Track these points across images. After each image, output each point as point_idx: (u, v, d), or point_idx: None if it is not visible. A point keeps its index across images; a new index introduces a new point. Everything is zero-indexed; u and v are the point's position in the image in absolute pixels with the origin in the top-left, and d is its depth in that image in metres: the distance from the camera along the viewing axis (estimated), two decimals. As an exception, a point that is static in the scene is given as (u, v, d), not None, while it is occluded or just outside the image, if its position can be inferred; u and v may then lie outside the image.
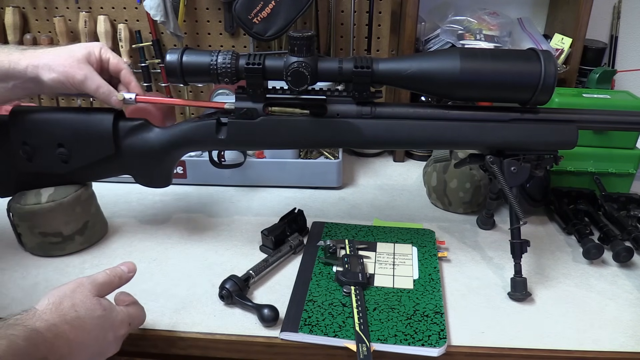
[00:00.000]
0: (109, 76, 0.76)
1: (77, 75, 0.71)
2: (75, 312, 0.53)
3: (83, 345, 0.53)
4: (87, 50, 0.73)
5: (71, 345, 0.52)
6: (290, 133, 0.75)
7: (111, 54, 0.75)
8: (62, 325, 0.51)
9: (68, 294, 0.54)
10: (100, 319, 0.55)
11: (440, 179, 0.94)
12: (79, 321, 0.53)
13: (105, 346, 0.56)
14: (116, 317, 0.57)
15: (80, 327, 0.53)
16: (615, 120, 0.76)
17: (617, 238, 0.82)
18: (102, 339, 0.55)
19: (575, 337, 0.66)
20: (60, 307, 0.53)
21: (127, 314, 0.59)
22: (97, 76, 0.72)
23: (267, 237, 0.81)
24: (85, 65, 0.72)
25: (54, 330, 0.50)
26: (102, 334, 0.55)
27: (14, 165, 0.78)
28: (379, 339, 0.64)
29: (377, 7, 1.17)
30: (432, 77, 0.70)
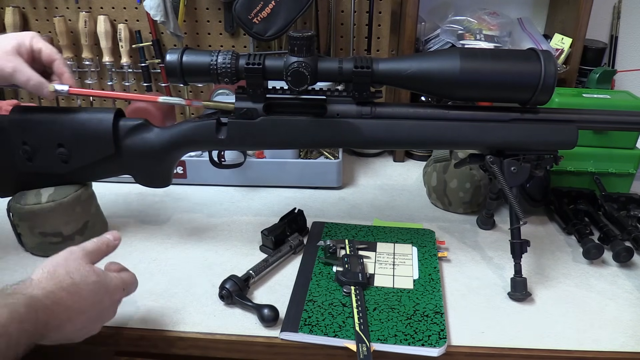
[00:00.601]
0: (42, 67, 0.73)
1: (6, 67, 0.69)
2: (70, 278, 0.54)
3: (81, 311, 0.54)
4: (17, 41, 0.71)
5: (69, 311, 0.53)
6: (290, 133, 0.75)
7: (43, 44, 0.72)
8: (60, 292, 0.52)
9: (61, 263, 0.56)
10: (96, 284, 0.56)
11: (440, 179, 0.94)
12: (75, 287, 0.54)
13: (102, 311, 0.58)
14: (110, 282, 0.58)
15: (76, 293, 0.54)
16: (615, 120, 0.76)
17: (617, 238, 0.82)
18: (99, 304, 0.56)
19: (575, 337, 0.66)
20: (55, 274, 0.54)
21: (121, 280, 0.60)
22: (27, 68, 0.70)
23: (267, 237, 0.81)
24: (14, 57, 0.70)
25: (51, 297, 0.51)
26: (98, 299, 0.56)
27: (14, 165, 0.78)
28: (379, 339, 0.64)
29: (377, 7, 1.17)
30: (432, 77, 0.70)
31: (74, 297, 0.53)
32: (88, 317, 0.55)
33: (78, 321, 0.54)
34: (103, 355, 0.71)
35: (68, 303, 0.53)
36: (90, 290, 0.55)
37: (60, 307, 0.52)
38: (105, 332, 0.66)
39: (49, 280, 0.53)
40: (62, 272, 0.54)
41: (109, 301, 0.58)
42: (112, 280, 0.59)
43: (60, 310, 0.52)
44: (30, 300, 0.49)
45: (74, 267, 0.56)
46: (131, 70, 1.22)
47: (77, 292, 0.54)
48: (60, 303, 0.52)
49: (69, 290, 0.53)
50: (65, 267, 0.55)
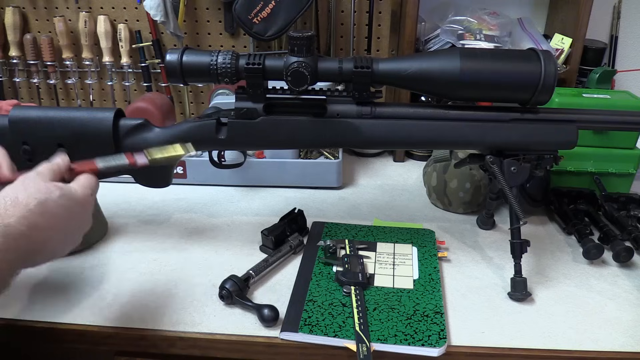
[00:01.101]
0: None
1: None
2: (35, 199, 0.52)
3: (57, 228, 0.53)
4: None
5: (46, 231, 0.52)
6: (290, 133, 0.75)
7: None
8: (30, 215, 0.51)
9: (19, 188, 0.53)
10: (62, 198, 0.54)
11: (440, 179, 0.94)
12: (42, 207, 0.52)
13: (77, 222, 0.56)
14: (75, 192, 0.56)
15: (46, 212, 0.52)
16: (615, 120, 0.76)
17: (617, 238, 0.82)
18: (73, 216, 0.55)
19: (575, 337, 0.66)
20: (18, 200, 0.51)
21: (83, 185, 0.58)
22: None
23: (267, 237, 0.81)
24: None
25: (24, 222, 0.50)
26: (70, 212, 0.55)
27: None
28: (379, 339, 0.64)
29: (377, 7, 1.17)
30: (432, 77, 0.70)
31: (45, 217, 0.52)
32: (66, 232, 0.55)
33: (57, 238, 0.53)
34: (103, 355, 0.71)
35: (42, 224, 0.51)
36: (59, 205, 0.53)
37: (36, 231, 0.51)
38: (105, 332, 0.66)
39: (15, 207, 0.51)
40: (24, 196, 0.52)
41: (81, 210, 0.56)
42: (76, 190, 0.57)
43: (37, 233, 0.51)
44: (6, 229, 0.48)
45: (34, 187, 0.53)
46: (131, 70, 1.23)
47: (46, 211, 0.52)
48: (36, 226, 0.51)
49: (38, 211, 0.51)
50: (25, 191, 0.53)
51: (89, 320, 0.67)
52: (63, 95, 1.30)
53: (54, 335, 0.67)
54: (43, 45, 1.20)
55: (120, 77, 1.26)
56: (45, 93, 1.30)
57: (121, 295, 0.72)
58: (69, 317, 0.68)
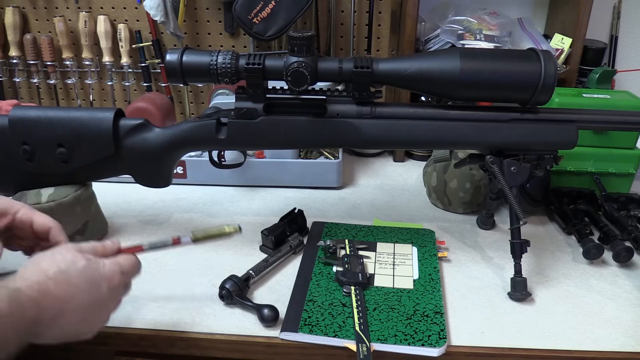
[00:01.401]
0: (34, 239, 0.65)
1: None
2: (57, 266, 0.50)
3: (75, 301, 0.49)
4: None
5: (61, 302, 0.48)
6: (290, 133, 0.75)
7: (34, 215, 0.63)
8: (45, 281, 0.48)
9: (48, 254, 0.52)
10: (86, 269, 0.51)
11: (440, 179, 0.94)
12: (62, 275, 0.49)
13: (100, 300, 0.52)
14: (104, 266, 0.53)
15: (65, 281, 0.49)
16: (615, 120, 0.76)
17: (617, 238, 0.82)
18: (95, 291, 0.51)
19: (575, 337, 0.66)
20: (40, 265, 0.49)
21: (116, 262, 0.55)
22: None
23: (267, 237, 0.81)
24: None
25: (36, 287, 0.47)
26: (93, 286, 0.51)
27: (14, 165, 0.78)
28: (379, 339, 0.64)
29: (377, 7, 1.17)
30: (432, 77, 0.70)
31: (63, 286, 0.49)
32: (84, 308, 0.50)
33: (73, 314, 0.49)
34: (103, 355, 0.71)
35: (57, 293, 0.48)
36: (81, 275, 0.50)
37: (48, 298, 0.47)
38: (105, 332, 0.66)
39: (33, 271, 0.49)
40: (47, 262, 0.50)
41: (107, 287, 0.53)
42: (105, 265, 0.54)
43: (49, 301, 0.47)
44: (13, 292, 0.45)
45: (61, 255, 0.51)
46: (131, 70, 1.23)
47: (65, 280, 0.49)
48: (48, 294, 0.47)
49: (57, 280, 0.49)
50: (51, 257, 0.51)
51: (89, 320, 0.67)
52: (63, 95, 1.30)
53: (54, 335, 0.67)
54: (43, 45, 1.20)
55: (120, 77, 1.26)
56: (45, 93, 1.30)
57: (121, 295, 0.72)
58: None
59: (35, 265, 0.50)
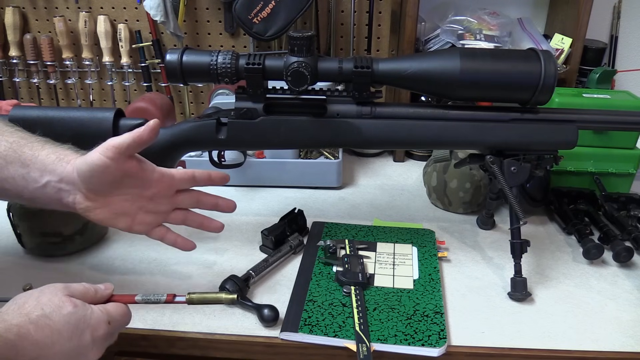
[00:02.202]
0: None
1: None
2: (41, 309, 0.48)
3: (55, 347, 0.48)
4: None
5: (39, 347, 0.47)
6: (290, 133, 0.75)
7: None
8: (26, 325, 0.47)
9: (35, 295, 0.50)
10: (71, 315, 0.50)
11: (440, 179, 0.94)
12: (45, 319, 0.48)
13: (82, 349, 0.50)
14: (91, 314, 0.52)
15: (47, 326, 0.48)
16: (615, 120, 0.76)
17: (617, 238, 0.82)
18: (77, 340, 0.50)
19: (575, 337, 0.66)
20: (24, 307, 0.48)
21: (105, 311, 0.53)
22: None
23: (267, 237, 0.81)
24: None
25: (15, 330, 0.46)
26: (76, 334, 0.50)
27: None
28: (379, 339, 0.64)
29: (377, 7, 1.17)
30: (432, 77, 0.70)
31: (44, 331, 0.47)
32: (63, 355, 0.49)
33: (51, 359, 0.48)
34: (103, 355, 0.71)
35: (36, 337, 0.47)
36: (64, 322, 0.49)
37: (26, 342, 0.46)
38: (105, 332, 0.66)
39: (14, 312, 0.47)
40: (31, 304, 0.49)
41: (90, 337, 0.51)
42: (93, 313, 0.52)
43: (27, 345, 0.46)
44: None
45: (47, 298, 0.50)
46: (131, 70, 1.23)
47: (47, 325, 0.48)
48: (27, 337, 0.46)
49: (38, 324, 0.47)
50: (37, 299, 0.49)
51: (89, 320, 0.67)
52: (63, 95, 1.31)
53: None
54: (43, 45, 1.20)
55: (120, 77, 1.26)
56: (45, 93, 1.30)
57: (121, 295, 0.72)
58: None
59: (17, 307, 0.49)
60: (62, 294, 0.51)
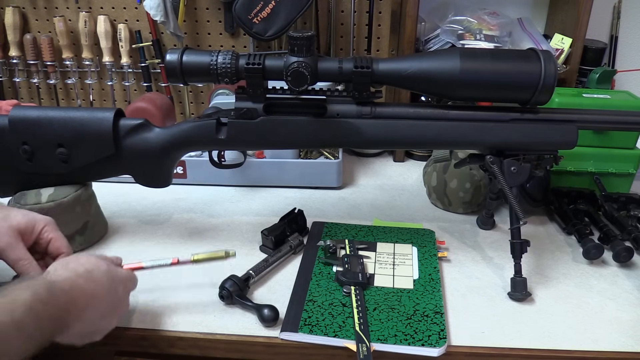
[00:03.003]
0: (44, 254, 0.67)
1: None
2: (84, 267, 0.57)
3: (98, 298, 0.56)
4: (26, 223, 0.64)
5: (87, 297, 0.54)
6: (290, 133, 0.75)
7: (55, 235, 0.66)
8: (76, 278, 0.55)
9: (72, 258, 0.59)
10: (108, 272, 0.58)
11: (440, 179, 0.94)
12: (89, 274, 0.56)
13: (117, 300, 0.60)
14: (121, 272, 0.62)
15: (92, 280, 0.56)
16: (615, 120, 0.76)
17: (617, 238, 0.82)
18: (114, 292, 0.59)
19: (575, 337, 0.66)
20: (68, 266, 0.56)
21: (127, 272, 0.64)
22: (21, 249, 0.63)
23: (267, 237, 0.81)
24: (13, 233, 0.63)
25: (69, 282, 0.54)
26: (113, 287, 0.59)
27: (14, 165, 0.78)
28: (379, 339, 0.64)
29: (377, 7, 1.17)
30: (432, 77, 0.70)
31: (90, 284, 0.55)
32: (106, 305, 0.57)
33: (96, 309, 0.56)
34: (103, 355, 0.71)
35: (85, 288, 0.55)
36: (104, 277, 0.57)
37: (78, 292, 0.53)
38: (105, 332, 0.66)
39: (64, 269, 0.56)
40: (74, 263, 0.57)
41: (122, 290, 0.61)
42: (121, 271, 0.62)
43: (79, 295, 0.53)
44: (50, 284, 0.51)
45: (85, 259, 0.59)
46: (131, 70, 1.23)
47: (92, 279, 0.56)
48: (78, 288, 0.54)
49: (85, 277, 0.55)
50: (77, 260, 0.58)
51: (89, 320, 0.67)
52: (63, 95, 1.31)
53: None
54: (43, 45, 1.20)
55: (120, 77, 1.26)
56: (45, 93, 1.30)
57: (121, 295, 0.72)
58: (69, 317, 0.68)
59: (62, 266, 0.57)
60: (94, 257, 0.60)
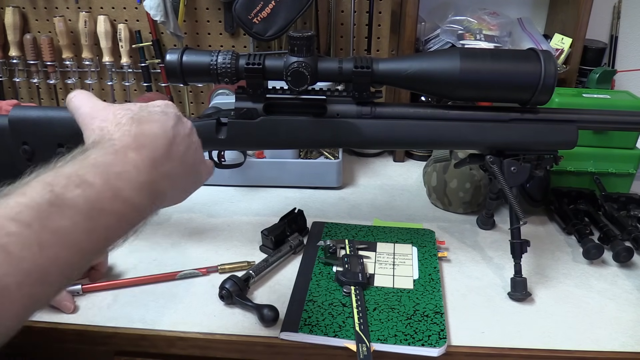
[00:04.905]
0: None
1: None
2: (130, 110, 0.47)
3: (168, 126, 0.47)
4: None
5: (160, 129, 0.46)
6: (290, 133, 0.75)
7: None
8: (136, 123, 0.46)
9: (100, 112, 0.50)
10: (166, 106, 0.50)
11: (440, 179, 0.94)
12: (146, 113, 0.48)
13: (190, 139, 0.51)
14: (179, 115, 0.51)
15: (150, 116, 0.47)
16: (615, 120, 0.76)
17: (617, 238, 0.82)
18: (179, 124, 0.49)
19: (575, 337, 0.66)
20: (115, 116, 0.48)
21: None
22: None
23: (267, 237, 0.81)
24: None
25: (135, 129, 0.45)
26: (173, 120, 0.49)
27: (14, 165, 0.78)
28: (379, 339, 0.64)
29: (377, 7, 1.17)
30: (432, 77, 0.70)
31: (152, 118, 0.47)
32: (189, 161, 0.50)
33: (185, 156, 0.48)
34: (103, 355, 0.71)
35: (151, 123, 0.46)
36: (161, 112, 0.48)
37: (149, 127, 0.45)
38: (105, 332, 0.66)
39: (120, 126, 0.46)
40: (112, 111, 0.48)
41: (189, 125, 0.51)
42: None
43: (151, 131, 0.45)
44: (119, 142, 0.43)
45: (117, 107, 0.49)
46: (131, 70, 1.23)
47: (149, 117, 0.47)
48: (146, 123, 0.45)
49: (142, 118, 0.46)
50: (112, 110, 0.49)
51: (89, 320, 0.67)
52: (63, 95, 1.30)
53: (54, 335, 0.67)
54: (43, 45, 1.20)
55: (120, 77, 1.26)
56: (45, 93, 1.30)
57: (121, 295, 0.72)
58: (69, 317, 0.68)
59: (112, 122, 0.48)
60: None
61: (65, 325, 0.67)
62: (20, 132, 0.76)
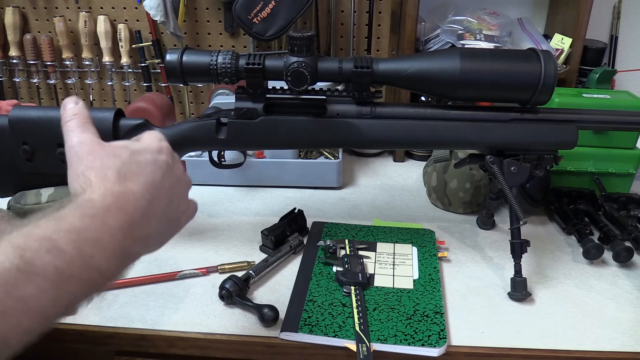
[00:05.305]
0: None
1: None
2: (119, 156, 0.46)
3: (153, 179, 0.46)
4: None
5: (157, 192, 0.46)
6: (290, 133, 0.75)
7: None
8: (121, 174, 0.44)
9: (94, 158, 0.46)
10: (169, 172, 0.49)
11: (440, 179, 0.94)
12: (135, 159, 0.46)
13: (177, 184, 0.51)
14: None
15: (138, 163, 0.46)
16: (615, 120, 0.76)
17: (617, 238, 0.82)
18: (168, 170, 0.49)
19: (575, 337, 0.66)
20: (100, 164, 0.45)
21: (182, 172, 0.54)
22: None
23: (267, 237, 0.81)
24: None
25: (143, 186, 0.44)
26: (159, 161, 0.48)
27: (14, 165, 0.78)
28: (379, 339, 0.64)
29: (377, 7, 1.17)
30: (432, 77, 0.70)
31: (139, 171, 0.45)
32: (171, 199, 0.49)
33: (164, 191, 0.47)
34: (103, 355, 0.71)
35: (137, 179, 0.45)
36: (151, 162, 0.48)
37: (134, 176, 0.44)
38: (105, 332, 0.66)
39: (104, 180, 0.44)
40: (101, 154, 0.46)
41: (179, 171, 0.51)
42: None
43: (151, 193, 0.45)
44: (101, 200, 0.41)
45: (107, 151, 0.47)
46: (131, 70, 1.23)
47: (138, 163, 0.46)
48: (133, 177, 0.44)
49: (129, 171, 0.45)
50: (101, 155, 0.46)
51: (89, 320, 0.67)
52: (63, 95, 1.30)
53: (54, 335, 0.67)
54: (43, 45, 1.20)
55: (120, 77, 1.26)
56: (45, 93, 1.30)
57: (121, 295, 0.72)
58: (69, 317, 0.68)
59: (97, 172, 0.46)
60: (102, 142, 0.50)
61: (66, 325, 0.67)
62: (20, 132, 0.76)
